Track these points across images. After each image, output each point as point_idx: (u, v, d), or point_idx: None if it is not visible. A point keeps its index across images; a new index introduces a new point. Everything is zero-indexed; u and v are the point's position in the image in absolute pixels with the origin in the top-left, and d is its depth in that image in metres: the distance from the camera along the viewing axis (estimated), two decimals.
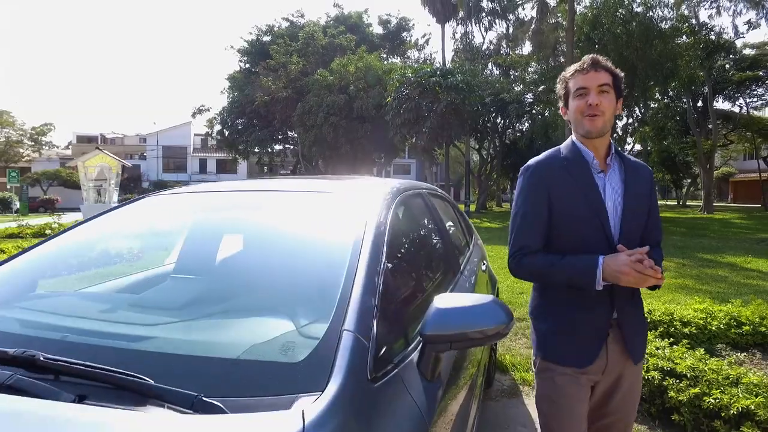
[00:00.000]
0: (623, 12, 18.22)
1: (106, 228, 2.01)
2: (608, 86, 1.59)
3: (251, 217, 1.85)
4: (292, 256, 1.53)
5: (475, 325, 1.21)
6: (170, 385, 0.94)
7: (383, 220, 1.55)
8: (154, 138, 53.48)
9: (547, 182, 1.62)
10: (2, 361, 1.08)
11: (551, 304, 1.67)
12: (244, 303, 1.37)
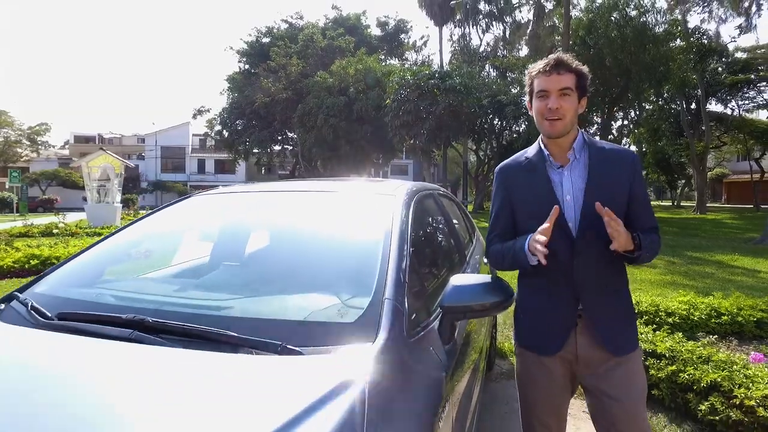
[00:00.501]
0: (618, 16, 18.63)
1: (158, 224, 2.33)
2: (570, 89, 1.61)
3: (294, 212, 2.17)
4: (333, 244, 1.87)
5: (484, 298, 1.54)
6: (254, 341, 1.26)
7: (405, 216, 1.88)
8: (153, 138, 53.64)
9: (507, 183, 1.77)
10: (119, 323, 1.41)
11: (524, 295, 1.79)
12: (297, 282, 1.69)
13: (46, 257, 8.69)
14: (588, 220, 1.60)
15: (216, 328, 1.32)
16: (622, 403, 1.64)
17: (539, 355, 1.73)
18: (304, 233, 2.00)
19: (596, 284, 1.65)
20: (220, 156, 54.77)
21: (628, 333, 1.69)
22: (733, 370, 2.76)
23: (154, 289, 1.90)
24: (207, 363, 1.22)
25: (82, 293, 1.85)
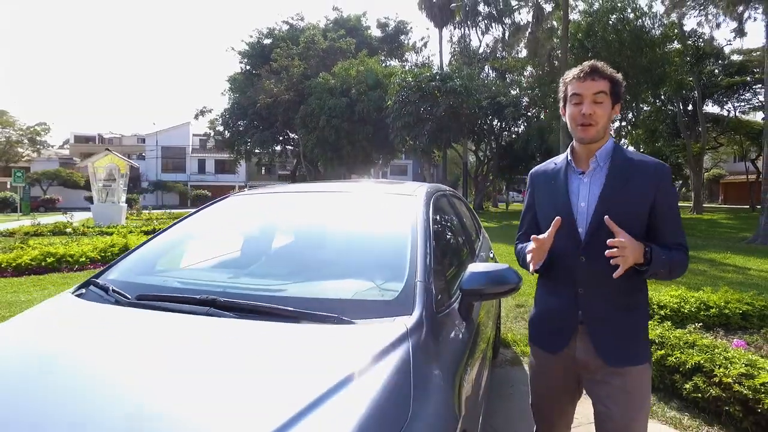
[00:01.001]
0: (615, 20, 18.97)
1: (203, 220, 2.63)
2: (604, 94, 1.61)
3: (328, 210, 2.48)
4: (367, 236, 2.19)
5: (497, 282, 1.84)
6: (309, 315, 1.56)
7: (425, 213, 2.18)
8: (153, 138, 53.87)
9: (532, 187, 1.88)
10: (195, 302, 1.70)
11: (538, 294, 1.90)
12: (339, 268, 1.99)
13: (62, 255, 8.97)
14: (598, 228, 1.59)
15: (278, 305, 1.63)
16: (613, 417, 1.62)
17: (545, 352, 1.82)
18: (340, 228, 2.31)
19: (600, 294, 1.64)
20: (220, 156, 55.00)
21: (632, 347, 1.64)
22: (714, 354, 3.07)
23: (211, 277, 2.20)
24: (278, 331, 1.52)
25: (149, 280, 2.15)
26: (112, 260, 9.54)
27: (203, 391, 1.23)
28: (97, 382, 1.33)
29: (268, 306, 1.64)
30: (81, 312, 1.85)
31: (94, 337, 1.67)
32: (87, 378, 1.36)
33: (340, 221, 2.36)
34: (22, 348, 1.62)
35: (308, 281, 1.93)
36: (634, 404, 1.64)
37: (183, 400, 1.19)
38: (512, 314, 5.49)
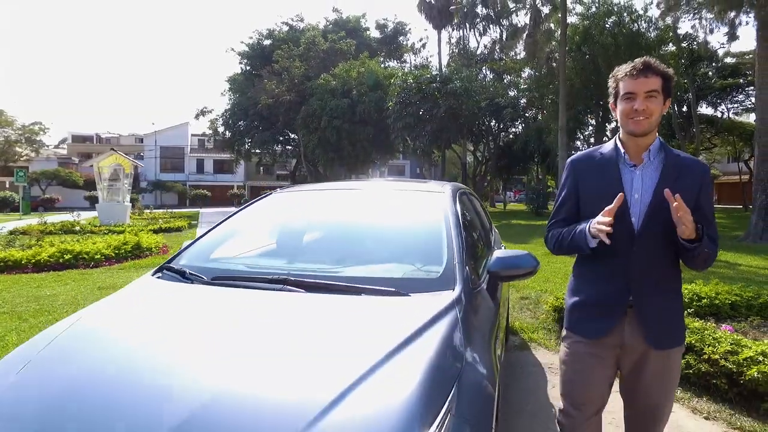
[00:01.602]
0: (612, 23, 19.40)
1: (253, 214, 2.95)
2: (656, 92, 1.65)
3: (367, 205, 2.82)
4: (407, 227, 2.55)
5: (518, 266, 2.19)
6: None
7: (454, 207, 2.53)
8: (152, 138, 53.97)
9: (577, 175, 1.86)
10: (268, 281, 2.03)
11: (578, 281, 1.89)
12: (387, 253, 2.33)
13: (78, 252, 9.27)
14: (651, 218, 1.68)
15: (344, 282, 1.97)
16: (652, 395, 1.76)
17: (585, 339, 1.81)
18: (380, 219, 2.65)
19: (649, 280, 1.71)
20: (219, 156, 55.17)
21: (673, 330, 1.75)
22: (704, 335, 3.42)
23: (268, 263, 2.52)
24: (347, 302, 1.86)
25: (215, 265, 2.48)
26: (125, 257, 9.85)
27: (298, 343, 1.57)
28: (208, 337, 1.67)
29: (335, 283, 1.98)
30: (172, 289, 2.18)
31: (193, 304, 2.02)
32: (200, 333, 1.70)
33: (380, 214, 2.71)
34: (138, 314, 1.97)
35: (359, 265, 2.26)
36: (672, 383, 1.78)
37: (279, 351, 1.52)
38: (518, 305, 5.84)
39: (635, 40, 19.00)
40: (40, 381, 1.49)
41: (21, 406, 1.38)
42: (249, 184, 56.55)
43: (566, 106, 16.81)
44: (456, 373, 1.44)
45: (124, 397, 1.33)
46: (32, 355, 1.64)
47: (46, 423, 1.27)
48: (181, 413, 1.20)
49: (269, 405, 1.24)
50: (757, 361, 2.99)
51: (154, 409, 1.26)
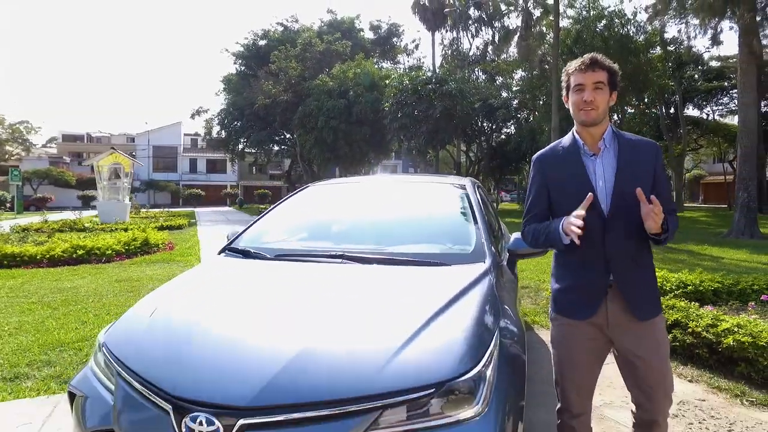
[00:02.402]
0: (602, 27, 19.98)
1: (297, 203, 3.33)
2: (602, 83, 1.78)
3: (401, 195, 3.23)
4: (440, 212, 2.97)
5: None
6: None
7: (476, 196, 2.95)
8: (144, 137, 53.87)
9: (544, 170, 1.95)
10: (328, 256, 2.43)
11: (560, 268, 1.97)
12: (424, 234, 2.74)
13: (90, 248, 9.56)
14: (618, 201, 1.78)
15: (392, 256, 2.38)
16: (649, 361, 1.82)
17: (573, 320, 1.89)
18: (414, 207, 3.07)
19: (625, 258, 1.81)
20: (212, 156, 55.16)
21: (652, 300, 1.85)
22: (689, 312, 3.88)
23: (320, 244, 2.86)
24: (400, 270, 2.26)
25: (273, 245, 2.85)
26: (134, 253, 10.14)
27: (370, 299, 1.97)
28: (295, 293, 2.08)
29: (385, 257, 2.38)
30: (246, 263, 2.57)
31: (271, 272, 2.41)
32: (287, 290, 2.12)
33: (412, 202, 3.12)
34: (229, 278, 2.37)
35: (401, 244, 2.64)
36: (666, 349, 1.87)
37: (357, 303, 1.93)
38: (520, 294, 6.28)
39: (624, 43, 19.60)
40: (169, 323, 1.89)
41: (160, 340, 1.76)
42: (242, 183, 56.64)
43: (558, 107, 17.35)
44: (497, 322, 1.84)
45: (245, 334, 1.73)
46: (153, 309, 2.02)
47: (181, 351, 1.65)
48: (295, 347, 1.58)
49: (361, 340, 1.64)
50: (732, 331, 3.45)
51: (274, 342, 1.65)
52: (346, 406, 1.38)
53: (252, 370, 1.49)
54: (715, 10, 14.10)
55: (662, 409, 1.87)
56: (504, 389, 1.56)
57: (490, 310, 1.89)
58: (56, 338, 4.48)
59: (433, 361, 1.52)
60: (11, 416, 2.97)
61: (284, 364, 1.49)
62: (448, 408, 1.43)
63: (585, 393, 1.94)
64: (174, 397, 1.46)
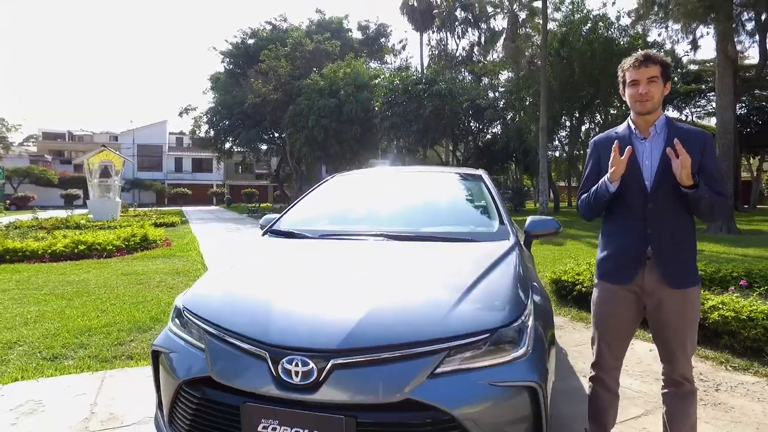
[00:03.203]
0: (587, 30, 20.59)
1: (327, 191, 3.59)
2: (656, 77, 1.96)
3: (424, 183, 3.54)
4: (462, 197, 3.28)
5: (547, 227, 2.93)
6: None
7: (491, 184, 3.27)
8: (129, 136, 53.24)
9: (599, 152, 2.17)
10: (370, 235, 2.72)
11: (604, 237, 2.18)
12: (450, 218, 3.04)
13: (91, 243, 9.67)
14: (661, 180, 1.98)
15: (423, 234, 2.69)
16: (675, 327, 2.00)
17: (612, 285, 2.09)
18: (439, 194, 3.38)
19: (663, 231, 1.98)
20: (198, 155, 54.79)
21: (688, 271, 2.00)
22: None
23: (355, 227, 3.04)
24: (439, 246, 2.57)
25: (313, 227, 3.05)
26: (134, 248, 10.28)
27: (421, 266, 2.27)
28: (352, 263, 2.37)
29: (424, 235, 2.69)
30: (293, 242, 2.84)
31: (321, 248, 2.67)
32: (344, 260, 2.41)
33: (436, 189, 3.44)
34: (284, 253, 2.65)
35: (431, 226, 2.93)
36: (692, 319, 2.02)
37: (411, 271, 2.22)
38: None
39: (609, 46, 20.25)
40: (247, 286, 2.18)
41: (243, 300, 2.04)
42: (229, 183, 56.36)
43: (546, 107, 17.86)
44: (529, 284, 2.16)
45: (322, 291, 2.02)
46: (225, 276, 2.30)
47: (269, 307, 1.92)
48: (370, 300, 1.88)
49: (424, 296, 1.95)
50: (717, 308, 3.84)
51: (350, 297, 1.94)
52: (419, 348, 1.68)
53: (337, 319, 1.78)
54: (694, 16, 14.74)
55: (682, 370, 2.05)
56: (540, 336, 1.88)
57: (522, 275, 2.21)
58: (81, 324, 4.67)
59: (487, 312, 1.84)
60: (65, 389, 3.20)
61: (364, 314, 1.78)
62: (500, 350, 1.74)
63: (617, 351, 2.16)
64: (271, 345, 1.73)
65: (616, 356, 2.18)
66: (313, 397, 1.65)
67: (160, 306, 5.45)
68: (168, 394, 1.99)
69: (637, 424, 2.66)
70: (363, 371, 1.66)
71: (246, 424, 1.70)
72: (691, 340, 2.05)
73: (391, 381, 1.63)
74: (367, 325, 1.74)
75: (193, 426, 1.88)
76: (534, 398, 1.70)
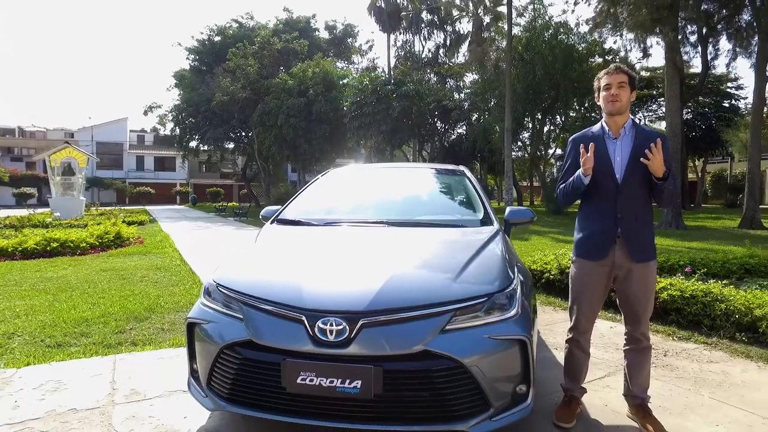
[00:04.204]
0: (549, 36, 21.55)
1: (324, 185, 3.90)
2: (624, 83, 2.39)
3: (412, 177, 3.91)
4: (449, 190, 3.67)
5: (524, 216, 3.37)
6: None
7: (473, 177, 3.68)
8: (86, 133, 51.26)
9: (575, 148, 2.54)
10: (371, 223, 3.08)
11: (582, 221, 2.58)
12: (438, 208, 3.43)
13: (64, 240, 9.57)
14: (630, 174, 2.39)
15: (422, 220, 3.07)
16: (639, 294, 2.44)
17: (590, 262, 2.50)
18: (427, 187, 3.76)
19: (630, 215, 2.39)
20: (160, 153, 53.39)
21: (649, 248, 2.44)
22: None
23: (353, 216, 3.38)
24: (433, 231, 2.94)
25: (317, 216, 3.36)
26: (108, 245, 10.21)
27: (424, 246, 2.65)
28: (360, 243, 2.73)
29: (419, 222, 3.06)
30: (303, 228, 3.15)
31: (331, 232, 3.00)
32: (355, 242, 2.77)
33: (426, 184, 3.82)
34: (299, 237, 2.98)
35: (426, 215, 3.31)
36: (653, 286, 2.51)
37: (416, 249, 2.59)
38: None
39: (569, 52, 21.28)
40: (275, 261, 2.50)
41: (274, 273, 2.35)
42: (193, 181, 55.19)
43: (511, 109, 18.63)
44: (514, 259, 2.58)
45: (344, 263, 2.38)
46: (251, 255, 2.63)
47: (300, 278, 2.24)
48: (387, 270, 2.24)
49: (431, 268, 2.34)
50: (666, 288, 4.41)
51: (370, 268, 2.30)
52: (432, 309, 2.05)
53: (363, 286, 2.14)
54: (644, 27, 15.81)
55: (643, 328, 2.53)
56: (526, 302, 2.29)
57: (508, 252, 2.64)
58: (76, 316, 4.79)
59: (484, 280, 2.24)
60: (80, 370, 3.39)
61: (385, 281, 2.14)
62: (496, 311, 2.14)
63: (591, 316, 2.60)
64: (307, 310, 2.06)
65: (589, 321, 2.61)
66: (346, 351, 1.99)
67: (151, 298, 5.61)
68: (206, 360, 2.27)
69: (601, 382, 3.14)
70: (387, 329, 2.01)
71: (287, 378, 2.02)
72: (650, 304, 2.51)
73: (411, 336, 2.00)
74: (389, 291, 2.10)
75: (235, 384, 2.17)
76: (523, 349, 2.10)
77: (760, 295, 4.12)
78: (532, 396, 2.14)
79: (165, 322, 4.62)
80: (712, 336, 4.03)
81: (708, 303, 4.19)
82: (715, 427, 2.55)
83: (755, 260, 6.16)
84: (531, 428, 2.49)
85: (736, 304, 4.03)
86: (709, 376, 3.26)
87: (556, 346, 3.83)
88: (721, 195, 37.69)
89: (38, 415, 2.71)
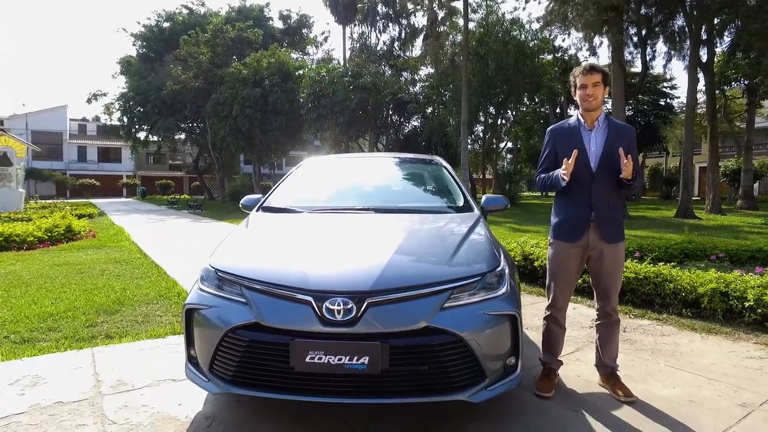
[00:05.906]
0: (502, 32, 22.18)
1: (304, 175, 3.94)
2: (599, 82, 2.59)
3: (391, 166, 4.04)
4: (428, 178, 3.83)
5: (498, 203, 3.57)
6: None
7: (449, 166, 3.86)
8: (20, 121, 47.70)
9: (554, 138, 2.78)
10: (358, 210, 3.18)
11: (559, 206, 2.79)
12: (420, 196, 3.58)
13: (8, 235, 9.10)
14: (603, 164, 2.63)
15: (407, 207, 3.20)
16: (609, 271, 2.72)
17: (566, 243, 2.73)
18: (407, 176, 3.90)
19: (603, 201, 2.64)
20: (104, 143, 50.67)
21: (619, 231, 2.70)
22: None
23: (338, 203, 3.44)
24: (420, 217, 3.08)
25: (302, 204, 3.39)
26: (58, 239, 9.78)
27: (414, 230, 2.79)
28: (354, 228, 2.83)
29: (404, 209, 3.19)
30: (290, 215, 3.21)
31: (319, 218, 3.07)
32: (346, 227, 2.86)
33: (403, 173, 3.96)
34: (288, 222, 3.04)
35: (409, 202, 3.45)
36: (622, 264, 2.80)
37: (408, 233, 2.72)
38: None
39: (521, 48, 21.98)
40: (275, 246, 2.57)
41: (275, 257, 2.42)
42: (141, 174, 52.77)
43: (467, 102, 19.09)
44: (498, 243, 2.76)
45: (344, 246, 2.49)
46: (247, 241, 2.68)
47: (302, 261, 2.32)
48: (388, 252, 2.36)
49: (427, 251, 2.49)
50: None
51: (371, 250, 2.43)
52: (432, 288, 2.19)
53: (366, 267, 2.25)
54: (592, 27, 16.62)
55: (613, 303, 2.79)
56: (513, 281, 2.48)
57: (492, 236, 2.83)
58: (38, 312, 4.60)
59: (475, 261, 2.41)
60: (56, 364, 3.30)
61: (387, 263, 2.27)
62: (488, 289, 2.31)
63: (567, 293, 2.84)
64: (314, 291, 2.15)
65: (565, 298, 2.87)
66: (353, 329, 2.10)
67: (117, 291, 5.47)
68: (209, 345, 2.30)
69: (572, 356, 3.42)
70: (392, 307, 2.14)
71: (296, 357, 2.10)
72: (619, 281, 2.80)
73: (414, 313, 2.13)
74: (392, 271, 2.22)
75: (240, 367, 2.22)
76: (513, 324, 2.29)
77: (702, 275, 4.55)
78: (520, 367, 2.34)
79: (138, 314, 4.54)
80: (663, 313, 4.44)
81: (659, 283, 4.59)
82: (673, 389, 2.87)
83: (693, 245, 6.79)
84: (516, 399, 2.70)
85: (682, 283, 4.45)
86: (663, 347, 3.62)
87: (530, 327, 4.09)
88: (657, 187, 40.22)
89: (22, 410, 2.65)
